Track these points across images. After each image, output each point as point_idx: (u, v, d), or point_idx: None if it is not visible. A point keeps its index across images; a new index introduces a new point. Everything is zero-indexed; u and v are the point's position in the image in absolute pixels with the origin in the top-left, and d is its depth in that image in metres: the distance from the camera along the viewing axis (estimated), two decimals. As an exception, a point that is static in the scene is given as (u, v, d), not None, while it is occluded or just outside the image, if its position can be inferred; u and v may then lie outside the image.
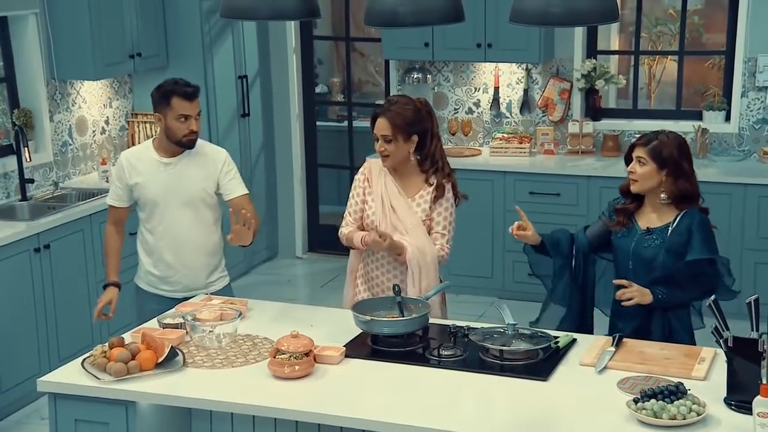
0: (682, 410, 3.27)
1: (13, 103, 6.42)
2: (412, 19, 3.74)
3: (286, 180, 8.17)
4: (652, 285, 4.02)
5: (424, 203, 4.40)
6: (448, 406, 3.52)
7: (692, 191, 4.12)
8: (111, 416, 3.71)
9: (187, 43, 7.13)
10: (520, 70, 7.33)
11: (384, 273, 4.41)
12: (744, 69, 6.88)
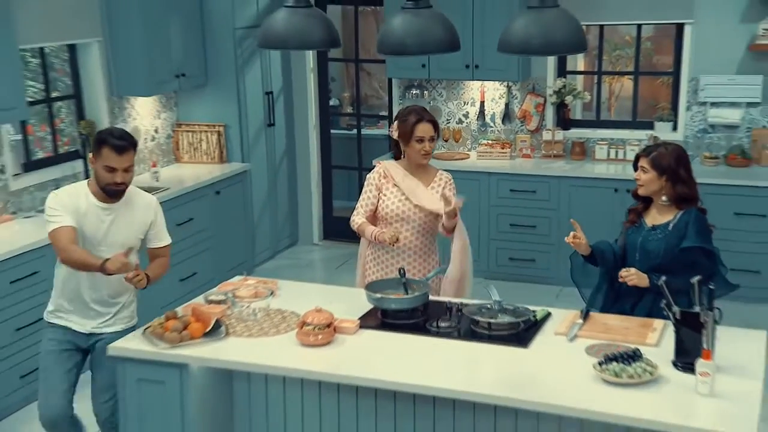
0: (638, 371, 3.32)
1: (79, 116, 6.46)
2: (417, 49, 3.80)
3: (304, 179, 8.13)
4: (650, 272, 3.98)
5: (439, 189, 4.45)
6: (444, 369, 3.53)
7: (690, 194, 4.07)
8: (167, 376, 3.75)
9: (223, 64, 7.10)
10: (502, 87, 7.33)
11: (393, 257, 4.43)
12: (688, 87, 6.87)
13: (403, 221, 4.37)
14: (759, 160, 6.66)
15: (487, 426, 3.57)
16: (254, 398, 3.91)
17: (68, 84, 6.45)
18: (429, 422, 3.64)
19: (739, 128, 6.80)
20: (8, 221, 5.58)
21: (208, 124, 7.24)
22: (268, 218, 7.68)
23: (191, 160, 7.25)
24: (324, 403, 3.80)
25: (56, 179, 6.07)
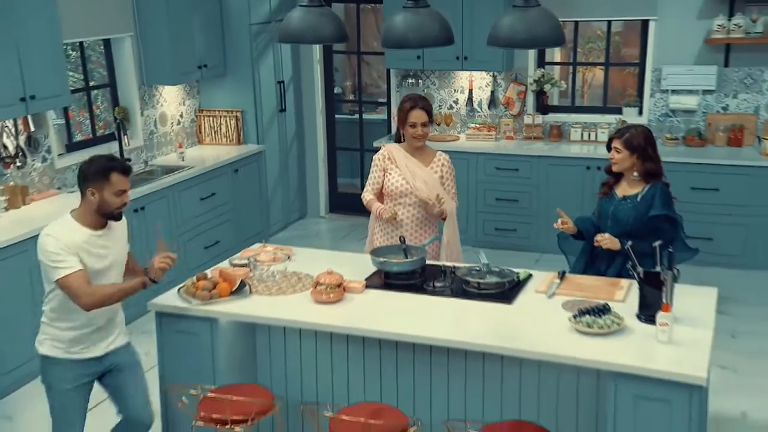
0: (607, 322, 3.38)
1: (114, 103, 6.47)
2: (417, 44, 3.79)
3: (312, 159, 8.11)
4: (621, 236, 4.01)
5: (438, 169, 4.45)
6: (439, 322, 3.57)
7: (656, 170, 4.11)
8: (199, 329, 3.79)
9: (240, 56, 7.06)
10: (488, 77, 7.29)
11: (396, 227, 4.45)
12: (652, 76, 6.85)
13: (404, 197, 4.40)
14: (713, 141, 6.67)
15: (477, 371, 3.63)
16: (274, 348, 3.96)
17: (104, 74, 6.45)
18: (426, 368, 3.70)
19: (696, 113, 6.80)
20: (54, 195, 5.62)
21: (227, 109, 7.20)
22: (281, 193, 7.66)
23: (212, 142, 7.25)
24: (335, 352, 3.86)
25: None
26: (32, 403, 4.66)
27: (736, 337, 5.25)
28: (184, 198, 6.21)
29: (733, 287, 5.83)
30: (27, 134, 5.47)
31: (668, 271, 3.39)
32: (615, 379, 3.17)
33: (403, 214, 4.42)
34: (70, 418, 3.54)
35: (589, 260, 4.19)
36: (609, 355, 3.19)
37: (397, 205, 4.41)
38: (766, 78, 6.60)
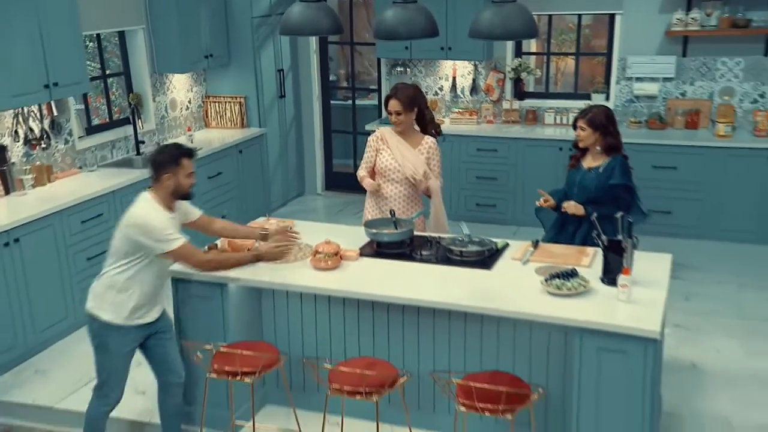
0: (575, 285, 3.45)
1: (128, 89, 6.44)
2: (406, 35, 3.82)
3: (309, 141, 8.07)
4: (586, 203, 4.11)
5: (425, 151, 4.42)
6: (426, 286, 3.61)
7: (617, 144, 4.20)
8: (211, 293, 3.82)
9: (243, 47, 7.03)
10: (470, 66, 7.26)
11: (387, 202, 4.45)
12: (618, 65, 6.84)
13: (393, 174, 4.42)
14: (672, 124, 6.68)
15: (459, 329, 3.69)
16: (278, 310, 4.00)
17: (118, 63, 6.43)
18: (414, 326, 3.76)
19: (657, 98, 6.79)
20: (76, 174, 5.62)
21: (231, 96, 7.16)
22: (281, 173, 7.65)
23: (218, 125, 7.22)
24: (332, 313, 3.90)
25: (112, 140, 6.11)
26: (62, 359, 4.76)
27: (689, 299, 5.35)
28: None
29: (688, 255, 5.91)
30: (51, 118, 5.46)
31: (629, 239, 3.44)
32: (580, 334, 3.23)
33: (392, 190, 4.44)
34: (120, 378, 3.56)
35: (560, 225, 4.28)
36: (576, 313, 3.26)
37: (387, 181, 4.43)
38: (719, 67, 6.61)
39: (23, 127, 5.27)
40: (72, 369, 4.60)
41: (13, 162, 5.19)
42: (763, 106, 6.50)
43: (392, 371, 3.38)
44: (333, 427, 3.63)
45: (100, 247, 5.13)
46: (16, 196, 5.08)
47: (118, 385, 3.56)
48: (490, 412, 3.11)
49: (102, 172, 5.72)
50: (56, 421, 4.21)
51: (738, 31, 6.34)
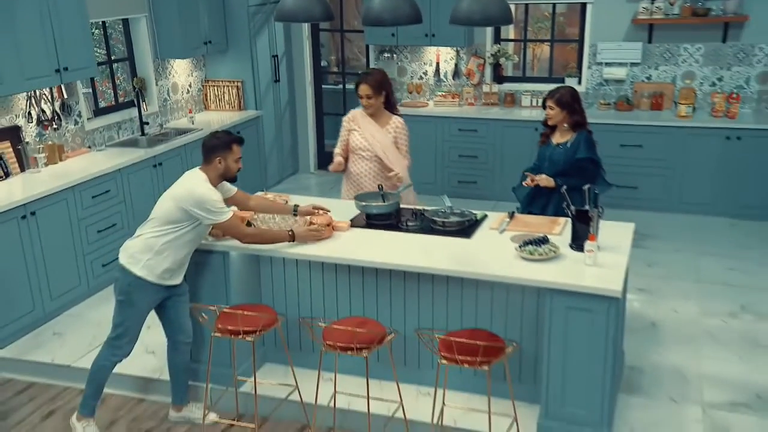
0: (546, 250, 3.54)
1: (132, 74, 6.42)
2: (391, 22, 3.85)
3: (303, 123, 8.04)
4: (555, 176, 4.19)
5: (392, 130, 4.45)
6: (411, 253, 3.66)
7: (582, 121, 4.28)
8: (215, 260, 3.84)
9: (240, 34, 6.99)
10: (453, 51, 7.23)
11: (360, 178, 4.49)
12: (589, 51, 6.84)
13: (364, 152, 4.45)
14: (638, 106, 6.70)
15: (442, 291, 3.75)
16: (275, 275, 4.03)
17: (123, 49, 6.40)
18: (400, 289, 3.82)
19: (624, 82, 6.80)
20: (85, 153, 5.62)
21: (229, 80, 7.14)
22: (276, 152, 7.64)
23: (217, 108, 7.20)
24: (326, 279, 3.95)
25: (118, 122, 6.09)
26: (77, 322, 4.81)
27: (651, 266, 5.45)
28: (194, 155, 6.12)
29: (652, 226, 6.06)
30: (61, 101, 5.46)
31: (595, 209, 3.54)
32: (551, 294, 3.32)
33: (363, 167, 4.47)
34: (136, 332, 3.62)
35: (532, 198, 4.37)
36: (546, 275, 3.34)
37: (359, 159, 4.46)
38: (681, 53, 6.62)
39: (36, 109, 5.27)
40: (86, 332, 4.67)
41: (27, 141, 5.20)
42: (721, 89, 6.56)
43: (381, 329, 3.45)
44: (327, 383, 3.70)
45: (109, 220, 5.24)
46: (30, 173, 5.10)
47: (133, 339, 3.62)
48: (468, 364, 3.18)
49: (109, 151, 5.73)
50: (74, 378, 4.27)
51: (698, 20, 6.37)
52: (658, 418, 3.68)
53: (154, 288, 3.56)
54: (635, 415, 3.70)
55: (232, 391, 3.90)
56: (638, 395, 3.87)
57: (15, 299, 4.58)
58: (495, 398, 3.46)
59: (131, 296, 3.53)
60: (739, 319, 4.65)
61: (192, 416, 3.87)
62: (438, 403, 3.56)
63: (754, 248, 5.71)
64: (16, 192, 4.69)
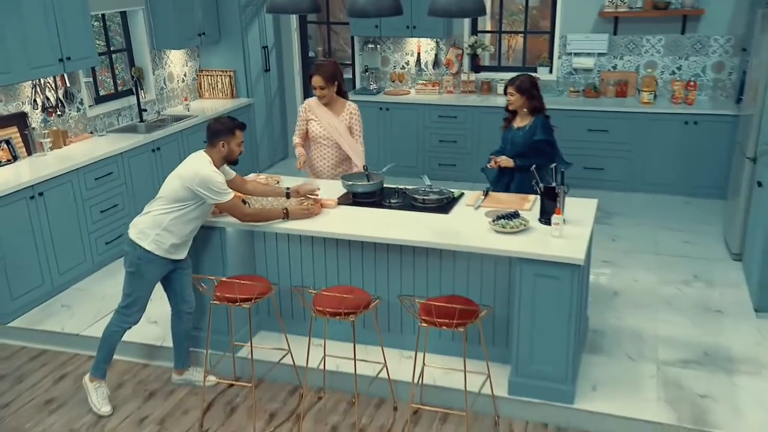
0: (517, 224, 3.64)
1: (131, 64, 6.41)
2: (374, 14, 3.86)
3: (292, 110, 7.93)
4: (516, 157, 4.29)
5: (347, 116, 4.49)
6: (394, 228, 3.76)
7: (540, 106, 4.35)
8: (212, 236, 3.89)
9: (231, 26, 6.97)
10: (433, 42, 7.23)
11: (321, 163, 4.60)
12: (560, 42, 6.86)
13: (323, 140, 4.52)
14: (605, 93, 6.75)
15: (422, 262, 3.85)
16: (268, 250, 4.10)
17: (121, 41, 6.39)
18: (384, 261, 3.92)
19: (592, 71, 6.84)
20: (88, 138, 5.64)
21: (222, 69, 7.14)
22: (267, 138, 7.63)
23: (211, 96, 7.19)
24: (315, 252, 4.02)
25: (118, 109, 6.10)
26: (83, 296, 4.88)
27: (615, 240, 5.57)
28: (191, 141, 6.22)
29: (616, 205, 6.20)
30: (64, 89, 5.48)
31: (561, 186, 3.64)
32: (521, 263, 3.43)
33: (324, 153, 4.54)
34: (144, 302, 3.71)
35: (498, 178, 4.47)
36: (517, 246, 3.45)
37: (318, 146, 4.52)
38: (644, 44, 6.66)
39: (41, 97, 5.29)
40: (92, 304, 4.76)
41: (33, 127, 5.23)
42: (680, 77, 6.62)
43: (367, 296, 3.51)
44: (317, 348, 3.79)
45: (112, 201, 5.29)
46: (37, 156, 5.13)
47: (141, 308, 3.72)
48: (446, 326, 3.26)
49: (110, 136, 5.76)
50: (82, 346, 4.37)
51: (659, 13, 6.43)
52: (617, 374, 3.83)
53: (162, 261, 3.64)
54: (597, 371, 3.85)
55: (230, 356, 3.99)
56: (600, 354, 4.01)
57: (25, 274, 4.64)
58: (470, 360, 3.57)
59: (141, 269, 3.61)
60: (692, 287, 4.82)
61: (193, 379, 3.99)
62: (419, 364, 3.63)
63: (707, 224, 5.86)
64: (24, 174, 4.73)
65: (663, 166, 6.42)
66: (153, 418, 3.77)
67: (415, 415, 3.67)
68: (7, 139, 4.98)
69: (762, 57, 4.77)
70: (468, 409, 3.40)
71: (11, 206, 4.50)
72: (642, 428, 3.49)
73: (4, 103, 5.07)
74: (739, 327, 4.29)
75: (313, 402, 3.82)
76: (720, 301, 4.62)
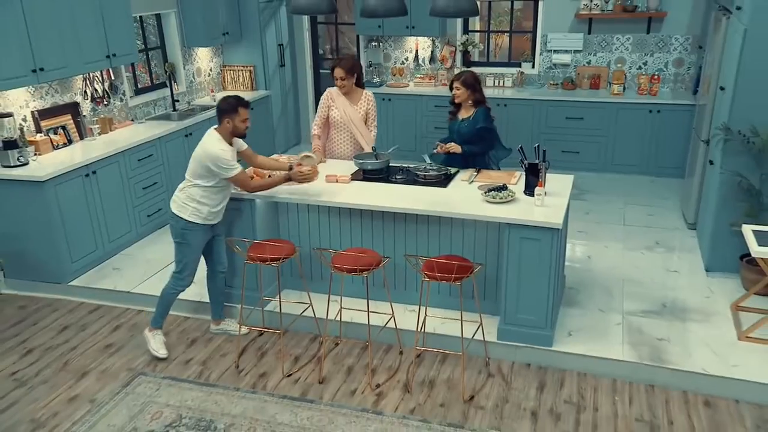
0: (505, 195, 3.75)
1: (164, 60, 6.47)
2: (384, 14, 4.00)
3: (304, 101, 8.04)
4: (462, 143, 4.27)
5: (365, 104, 4.51)
6: (400, 199, 3.85)
7: (481, 99, 4.30)
8: (244, 206, 3.96)
9: (251, 26, 6.98)
10: (429, 41, 7.25)
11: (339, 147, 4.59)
12: (541, 40, 6.89)
13: (342, 125, 4.54)
14: (581, 86, 6.81)
15: (424, 228, 3.97)
16: (291, 219, 4.20)
17: (155, 40, 6.43)
18: (392, 228, 4.02)
19: (569, 66, 6.88)
20: (130, 125, 5.71)
21: (243, 65, 7.15)
22: (282, 125, 7.65)
23: (233, 88, 7.17)
24: (331, 221, 4.12)
25: (154, 100, 6.16)
26: (130, 260, 5.02)
27: (589, 213, 5.70)
28: None
29: (590, 184, 6.33)
30: (110, 82, 5.54)
31: (543, 163, 3.76)
32: (508, 228, 3.56)
33: (341, 137, 4.57)
34: (194, 266, 3.80)
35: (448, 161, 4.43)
36: (505, 214, 3.57)
37: (337, 131, 4.53)
38: (614, 42, 6.73)
39: (90, 88, 5.38)
40: (138, 267, 4.90)
41: (84, 115, 5.33)
42: (645, 72, 6.68)
43: (378, 256, 3.63)
44: (334, 303, 3.94)
45: (152, 179, 5.39)
46: (88, 141, 5.22)
47: (192, 272, 3.83)
48: (445, 280, 3.40)
49: (148, 123, 5.83)
50: (132, 302, 4.54)
51: (627, 15, 6.48)
52: (589, 323, 4.01)
53: (203, 228, 3.74)
54: (572, 321, 4.03)
55: (259, 310, 4.14)
56: (575, 307, 4.19)
57: (82, 241, 4.79)
58: (465, 312, 3.72)
59: (186, 237, 3.72)
60: (654, 251, 4.99)
61: (228, 328, 4.16)
62: (421, 315, 3.72)
63: (667, 199, 6.00)
64: (78, 156, 4.83)
65: (630, 149, 6.48)
66: (196, 360, 3.96)
67: (418, 357, 3.83)
68: (63, 125, 5.09)
69: (714, 54, 4.89)
70: (463, 351, 3.54)
71: (69, 183, 4.64)
72: (609, 366, 3.68)
73: (60, 94, 5.17)
74: (692, 284, 4.48)
75: (331, 347, 3.96)
76: (677, 262, 4.80)
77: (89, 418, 3.49)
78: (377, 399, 3.52)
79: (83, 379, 3.82)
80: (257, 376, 3.78)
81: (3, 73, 4.31)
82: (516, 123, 6.67)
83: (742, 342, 3.80)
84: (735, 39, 4.25)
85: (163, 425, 3.42)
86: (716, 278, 4.52)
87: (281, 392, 3.62)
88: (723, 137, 4.30)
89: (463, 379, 3.57)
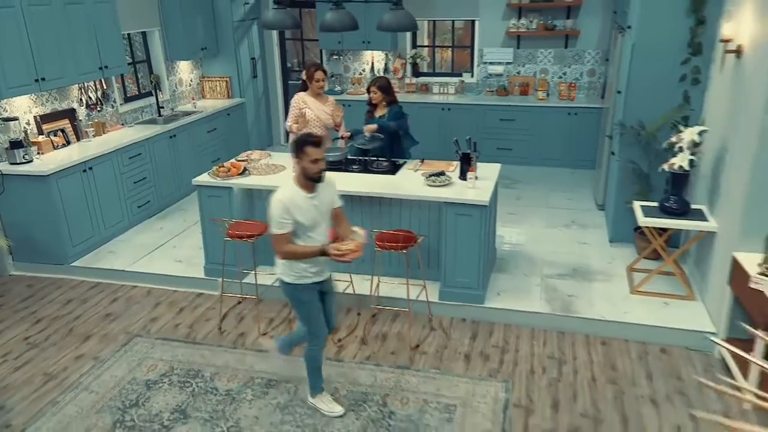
0: (443, 180, 3.96)
1: (150, 71, 6.50)
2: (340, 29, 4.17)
3: (275, 108, 8.02)
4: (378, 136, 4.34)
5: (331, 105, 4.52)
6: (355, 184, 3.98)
7: (394, 100, 4.42)
8: (222, 193, 4.15)
9: (227, 41, 7.00)
10: (383, 54, 7.36)
11: None
12: (478, 54, 7.06)
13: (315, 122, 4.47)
14: (512, 92, 7.02)
15: (376, 209, 4.13)
16: (263, 203, 4.08)
17: (142, 54, 6.46)
18: (349, 208, 4.05)
19: (502, 76, 7.08)
20: (120, 129, 5.77)
21: (220, 76, 7.19)
22: (256, 129, 7.61)
23: (212, 97, 7.22)
24: None
25: (141, 107, 6.21)
26: (123, 245, 5.12)
27: (519, 199, 5.95)
28: (198, 131, 6.36)
29: (521, 175, 6.62)
30: (102, 91, 5.62)
31: (474, 153, 4.02)
32: (447, 206, 3.76)
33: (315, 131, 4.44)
34: (319, 320, 3.12)
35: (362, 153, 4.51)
36: (444, 194, 3.77)
37: (312, 127, 4.45)
38: (538, 55, 6.97)
39: (85, 96, 5.46)
40: (131, 250, 5.01)
41: (80, 119, 5.41)
42: (565, 80, 6.96)
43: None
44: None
45: (141, 175, 5.48)
46: (84, 141, 5.32)
47: (321, 326, 3.15)
48: (394, 249, 3.62)
49: (137, 127, 5.90)
50: (127, 279, 4.65)
51: (548, 33, 6.76)
52: (515, 284, 4.30)
53: (304, 287, 3.06)
54: (501, 283, 4.31)
55: (238, 282, 4.28)
56: (504, 273, 4.46)
57: (81, 228, 4.89)
58: (412, 279, 3.98)
59: (297, 298, 3.10)
60: (570, 228, 5.32)
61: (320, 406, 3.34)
62: (374, 282, 4.00)
63: (583, 186, 6.34)
64: (76, 154, 4.94)
65: (553, 145, 6.75)
66: (184, 324, 4.14)
67: (373, 317, 4.05)
68: (62, 128, 5.18)
69: (615, 65, 5.26)
70: (410, 310, 3.81)
71: (69, 177, 4.75)
72: (529, 317, 3.99)
73: (59, 101, 5.24)
74: (598, 252, 4.84)
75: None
76: (588, 236, 5.15)
77: (94, 371, 3.68)
78: (339, 350, 3.74)
79: (87, 341, 3.99)
80: (237, 335, 3.96)
81: (10, 83, 4.42)
82: (458, 124, 6.86)
83: (633, 295, 4.18)
84: (627, 52, 4.61)
85: (159, 374, 3.64)
86: (617, 247, 4.89)
87: (258, 347, 3.80)
88: (619, 132, 4.67)
89: (409, 332, 3.83)
